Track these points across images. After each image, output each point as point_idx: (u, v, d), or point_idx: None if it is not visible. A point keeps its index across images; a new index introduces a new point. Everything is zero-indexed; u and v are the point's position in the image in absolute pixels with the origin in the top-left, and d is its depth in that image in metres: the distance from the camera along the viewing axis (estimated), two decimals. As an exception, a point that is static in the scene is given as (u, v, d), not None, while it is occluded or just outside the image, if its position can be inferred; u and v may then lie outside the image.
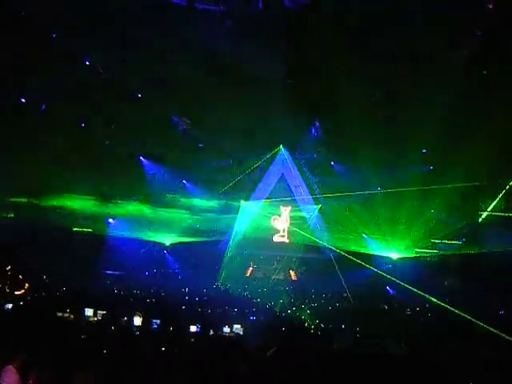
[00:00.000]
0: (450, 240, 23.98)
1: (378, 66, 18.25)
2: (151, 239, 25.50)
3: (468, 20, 16.38)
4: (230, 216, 26.11)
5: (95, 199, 24.98)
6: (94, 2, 17.04)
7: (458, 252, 23.66)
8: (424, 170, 22.69)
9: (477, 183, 21.53)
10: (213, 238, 25.55)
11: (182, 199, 26.07)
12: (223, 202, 26.32)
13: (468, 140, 19.30)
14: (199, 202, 26.09)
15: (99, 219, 25.06)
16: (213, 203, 26.21)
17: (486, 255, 22.09)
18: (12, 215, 23.75)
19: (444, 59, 17.69)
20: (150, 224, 25.63)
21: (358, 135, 20.92)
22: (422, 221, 23.51)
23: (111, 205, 25.50)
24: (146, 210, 25.42)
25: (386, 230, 24.10)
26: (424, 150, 22.71)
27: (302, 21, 17.70)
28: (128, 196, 25.45)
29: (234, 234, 25.86)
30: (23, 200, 23.67)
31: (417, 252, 24.69)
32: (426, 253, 24.80)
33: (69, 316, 12.48)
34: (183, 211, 26.12)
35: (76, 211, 24.76)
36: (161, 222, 25.93)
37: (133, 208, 25.25)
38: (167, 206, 25.99)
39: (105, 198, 25.25)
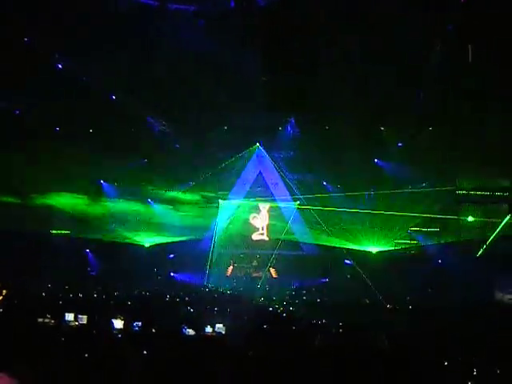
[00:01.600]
0: (427, 228, 24.32)
1: (355, 62, 18.43)
2: (130, 240, 25.32)
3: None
4: (209, 214, 26.11)
5: (73, 198, 24.68)
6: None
7: (435, 242, 23.98)
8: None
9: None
10: (191, 237, 25.46)
11: (161, 196, 25.97)
12: (201, 200, 26.27)
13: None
14: (177, 199, 26.01)
15: (78, 220, 24.76)
16: (191, 199, 26.13)
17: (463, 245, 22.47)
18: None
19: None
20: (130, 224, 25.47)
21: (335, 132, 21.12)
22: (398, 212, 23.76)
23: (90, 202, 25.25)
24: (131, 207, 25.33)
25: (365, 223, 24.33)
26: (399, 144, 23.00)
27: (275, 18, 17.77)
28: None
29: (213, 233, 25.80)
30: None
31: (396, 244, 24.91)
32: (405, 244, 25.06)
33: (49, 321, 12.32)
34: (162, 207, 26.02)
35: (53, 212, 24.43)
36: (140, 222, 25.77)
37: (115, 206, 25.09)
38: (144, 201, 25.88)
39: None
